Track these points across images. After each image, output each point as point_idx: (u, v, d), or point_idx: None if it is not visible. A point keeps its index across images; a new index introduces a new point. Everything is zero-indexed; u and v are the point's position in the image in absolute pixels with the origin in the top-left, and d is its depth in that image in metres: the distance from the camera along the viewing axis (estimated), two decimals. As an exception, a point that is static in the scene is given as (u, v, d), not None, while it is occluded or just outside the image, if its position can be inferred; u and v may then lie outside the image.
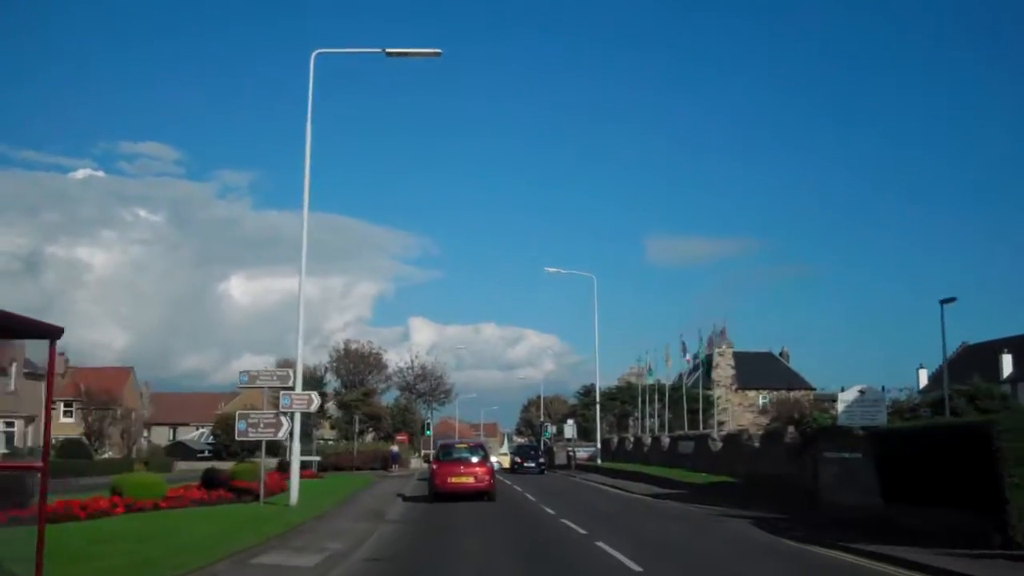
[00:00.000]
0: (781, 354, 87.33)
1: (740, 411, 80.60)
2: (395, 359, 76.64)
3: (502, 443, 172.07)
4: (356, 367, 69.57)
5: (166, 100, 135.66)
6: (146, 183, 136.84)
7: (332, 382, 70.31)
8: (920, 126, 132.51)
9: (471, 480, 25.02)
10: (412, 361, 74.68)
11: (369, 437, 70.12)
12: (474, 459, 25.81)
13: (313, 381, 69.01)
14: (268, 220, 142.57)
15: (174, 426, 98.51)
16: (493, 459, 33.49)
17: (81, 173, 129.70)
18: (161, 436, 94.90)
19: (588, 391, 74.31)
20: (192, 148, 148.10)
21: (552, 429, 65.95)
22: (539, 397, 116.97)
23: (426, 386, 75.27)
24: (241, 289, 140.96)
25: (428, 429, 68.93)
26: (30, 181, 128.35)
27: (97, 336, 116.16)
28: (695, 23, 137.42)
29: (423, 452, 73.68)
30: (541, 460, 45.41)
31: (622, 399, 72.17)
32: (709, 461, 36.28)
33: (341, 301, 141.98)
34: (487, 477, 25.23)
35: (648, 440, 49.17)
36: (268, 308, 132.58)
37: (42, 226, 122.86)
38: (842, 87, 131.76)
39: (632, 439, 53.77)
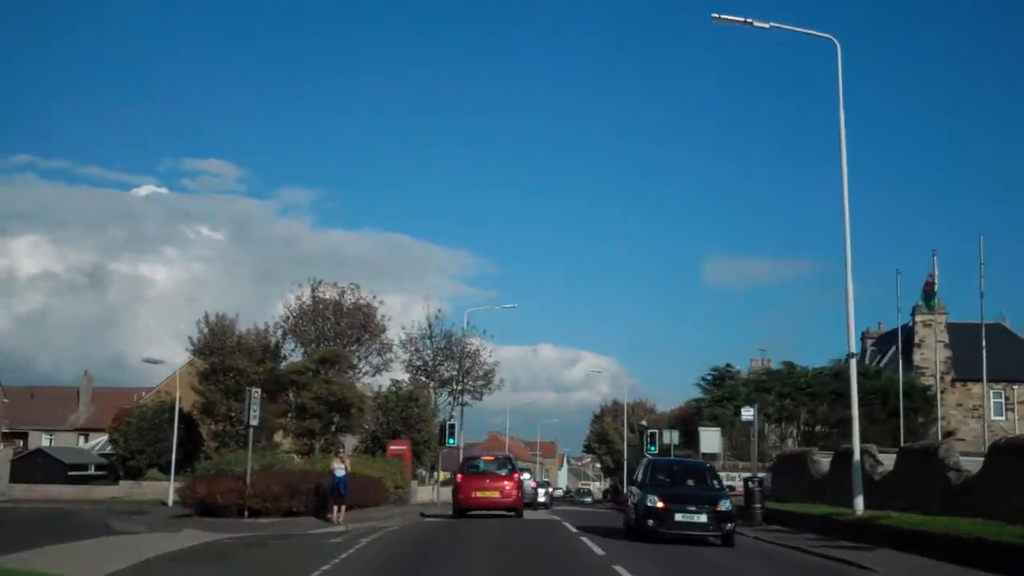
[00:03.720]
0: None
1: (960, 415, 50.18)
2: (405, 322, 47.74)
3: (561, 465, 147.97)
4: (332, 328, 41.00)
5: (230, 117, 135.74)
6: (208, 200, 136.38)
7: (294, 351, 41.80)
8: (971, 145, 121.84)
9: (497, 495, 23.86)
10: (429, 323, 45.97)
11: (351, 446, 41.35)
12: (501, 472, 24.66)
13: (260, 350, 40.70)
14: (328, 239, 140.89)
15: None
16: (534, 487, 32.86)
17: (145, 190, 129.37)
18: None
19: (721, 376, 44.58)
20: (255, 165, 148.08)
21: (672, 438, 36.63)
22: (614, 405, 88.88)
23: (452, 367, 46.34)
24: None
25: (452, 437, 39.98)
26: (95, 197, 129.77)
27: (157, 351, 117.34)
28: (748, 49, 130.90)
29: (440, 475, 44.51)
30: (724, 508, 15.63)
31: (778, 389, 42.49)
32: None
33: (398, 320, 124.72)
34: (515, 492, 24.13)
35: (956, 458, 19.27)
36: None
37: (106, 242, 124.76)
38: (896, 110, 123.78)
39: (868, 457, 23.83)
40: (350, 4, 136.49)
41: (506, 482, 24.18)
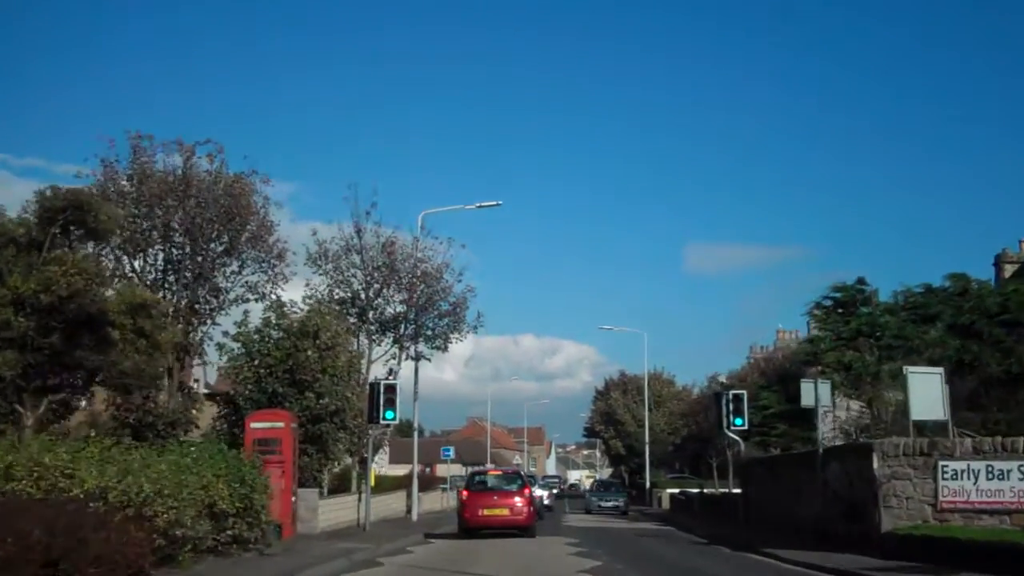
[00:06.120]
0: None
1: None
2: (322, 231, 29.37)
3: (549, 452, 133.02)
4: (179, 223, 22.64)
5: (206, 109, 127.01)
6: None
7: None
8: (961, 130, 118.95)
9: (506, 512, 22.67)
10: (358, 227, 28.04)
11: (199, 433, 23.22)
12: (511, 488, 23.44)
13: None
14: (306, 232, 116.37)
15: None
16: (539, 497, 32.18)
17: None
18: None
19: (850, 298, 26.44)
20: (230, 160, 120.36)
21: (821, 395, 18.51)
22: (622, 377, 71.05)
23: (398, 297, 28.46)
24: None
25: (391, 409, 22.05)
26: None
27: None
28: (742, 35, 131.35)
29: (373, 475, 26.04)
30: None
31: (948, 319, 24.95)
32: None
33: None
34: (525, 509, 22.73)
35: None
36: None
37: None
38: (888, 97, 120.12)
39: None
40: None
41: (516, 498, 22.76)
